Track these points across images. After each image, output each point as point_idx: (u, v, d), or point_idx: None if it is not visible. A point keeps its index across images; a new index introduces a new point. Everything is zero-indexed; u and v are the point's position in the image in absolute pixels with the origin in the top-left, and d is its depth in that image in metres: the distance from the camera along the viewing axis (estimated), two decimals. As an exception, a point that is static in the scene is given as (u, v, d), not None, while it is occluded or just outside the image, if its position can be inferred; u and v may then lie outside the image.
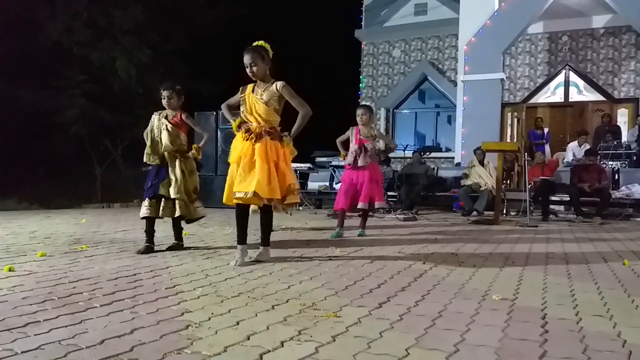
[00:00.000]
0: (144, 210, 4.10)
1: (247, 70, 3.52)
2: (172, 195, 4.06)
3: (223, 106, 3.84)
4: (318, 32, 19.07)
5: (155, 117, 4.23)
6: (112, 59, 12.43)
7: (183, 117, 4.19)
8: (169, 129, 4.13)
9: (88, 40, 12.23)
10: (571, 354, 1.71)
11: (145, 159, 4.22)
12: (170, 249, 4.16)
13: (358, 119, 5.39)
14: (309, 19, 19.69)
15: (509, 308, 2.34)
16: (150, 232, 4.11)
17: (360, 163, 5.30)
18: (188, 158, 4.22)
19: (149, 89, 11.70)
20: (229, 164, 3.66)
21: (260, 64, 3.50)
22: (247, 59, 3.50)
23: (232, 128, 3.66)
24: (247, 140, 3.49)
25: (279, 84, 3.54)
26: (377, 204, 5.46)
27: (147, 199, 4.11)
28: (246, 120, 3.60)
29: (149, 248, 4.02)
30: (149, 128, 4.22)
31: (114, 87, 12.66)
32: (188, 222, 4.37)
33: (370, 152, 5.34)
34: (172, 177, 4.10)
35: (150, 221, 4.13)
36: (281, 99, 3.57)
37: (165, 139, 4.11)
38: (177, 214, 4.10)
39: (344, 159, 5.52)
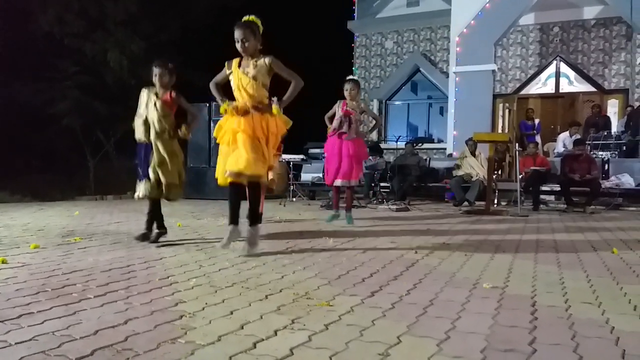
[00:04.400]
0: (142, 190, 3.97)
1: (238, 45, 3.46)
2: (163, 180, 3.92)
3: (211, 85, 3.78)
4: (310, 23, 18.97)
5: (144, 93, 4.07)
6: (105, 50, 12.33)
7: (173, 95, 4.02)
8: (158, 106, 3.95)
9: (80, 31, 12.11)
10: (560, 341, 1.74)
11: (136, 136, 4.06)
12: (155, 241, 4.01)
13: (346, 93, 5.43)
14: (302, 11, 19.58)
15: (499, 296, 2.37)
16: (151, 217, 4.05)
17: (344, 129, 5.32)
18: (176, 138, 4.05)
19: (142, 81, 11.63)
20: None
21: (252, 40, 3.46)
22: (238, 34, 3.44)
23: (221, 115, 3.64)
24: (233, 117, 3.47)
25: (267, 58, 3.51)
26: (351, 181, 5.48)
27: (145, 178, 3.96)
28: (235, 96, 3.57)
29: (146, 235, 3.97)
30: (138, 103, 4.07)
31: (107, 79, 12.57)
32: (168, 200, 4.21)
33: (354, 124, 5.37)
34: (158, 158, 3.93)
35: (156, 204, 4.05)
36: (269, 72, 3.53)
37: (153, 116, 3.94)
38: (166, 197, 3.99)
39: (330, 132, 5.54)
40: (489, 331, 1.84)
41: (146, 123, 4.00)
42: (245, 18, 3.52)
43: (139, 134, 4.04)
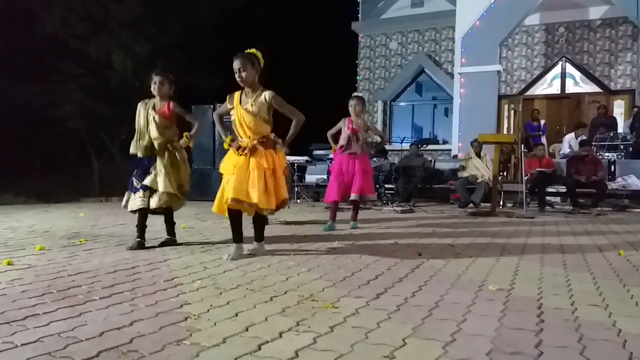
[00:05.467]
0: (138, 202, 3.91)
1: (236, 75, 3.45)
2: (161, 189, 3.89)
3: (215, 116, 3.84)
4: (315, 24, 19.00)
5: (141, 107, 4.03)
6: (109, 52, 12.38)
7: (171, 106, 3.97)
8: (157, 120, 3.92)
9: (84, 33, 12.16)
10: (567, 343, 1.73)
11: (131, 151, 4.04)
12: (162, 244, 4.00)
13: (351, 109, 5.41)
14: (306, 12, 19.60)
15: (505, 298, 2.35)
16: (142, 227, 3.96)
17: (353, 148, 5.31)
18: (179, 148, 4.01)
19: (146, 83, 11.68)
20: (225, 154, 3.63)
21: (249, 70, 3.43)
22: (236, 65, 3.43)
23: (230, 122, 3.64)
24: (241, 155, 3.46)
25: (268, 94, 3.47)
26: (369, 196, 5.47)
27: (140, 190, 3.92)
28: (236, 132, 3.56)
29: (140, 244, 3.87)
30: (136, 118, 4.04)
31: (111, 81, 12.62)
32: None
33: (361, 141, 5.35)
34: (160, 169, 3.91)
35: (143, 215, 3.97)
36: (270, 108, 3.52)
37: (153, 131, 3.91)
38: (162, 205, 3.94)
39: (334, 152, 5.53)
40: (494, 333, 1.83)
41: (145, 136, 3.96)
42: (246, 51, 3.51)
43: (134, 148, 4.02)
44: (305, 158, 10.37)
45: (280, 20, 18.61)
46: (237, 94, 3.58)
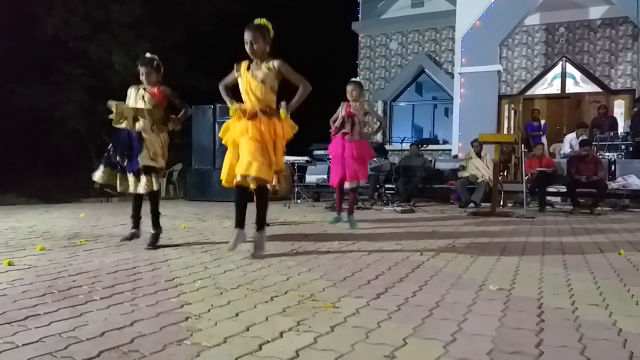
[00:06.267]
0: (131, 186, 3.81)
1: (247, 47, 3.44)
2: (154, 164, 3.82)
3: (220, 86, 3.76)
4: (315, 24, 18.98)
5: (132, 89, 4.02)
6: (110, 53, 12.39)
7: (162, 88, 3.97)
8: (146, 99, 3.90)
9: (85, 34, 12.17)
10: (567, 343, 1.73)
11: (114, 122, 3.94)
12: (151, 245, 3.83)
13: (348, 95, 5.41)
14: (306, 12, 19.60)
15: (506, 298, 2.36)
16: (137, 217, 3.94)
17: (347, 130, 5.31)
18: (164, 131, 3.97)
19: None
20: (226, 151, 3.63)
21: (261, 43, 3.43)
22: (248, 36, 3.42)
23: (229, 116, 3.63)
24: (242, 119, 3.46)
25: (277, 62, 3.48)
26: (360, 182, 5.46)
27: (131, 173, 3.81)
28: (243, 99, 3.56)
29: (135, 234, 3.87)
30: (126, 101, 4.00)
31: (112, 82, 12.63)
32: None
33: (358, 125, 5.35)
34: (149, 146, 3.84)
35: (137, 202, 3.94)
36: (278, 76, 3.51)
37: (141, 108, 3.89)
38: (144, 190, 3.83)
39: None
40: (495, 333, 1.83)
41: (130, 110, 3.88)
42: (257, 21, 3.49)
43: (120, 119, 3.91)
44: (306, 158, 10.38)
45: (280, 21, 18.57)
46: (244, 63, 3.57)
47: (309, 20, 19.34)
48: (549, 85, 13.05)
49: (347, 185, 5.37)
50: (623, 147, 9.77)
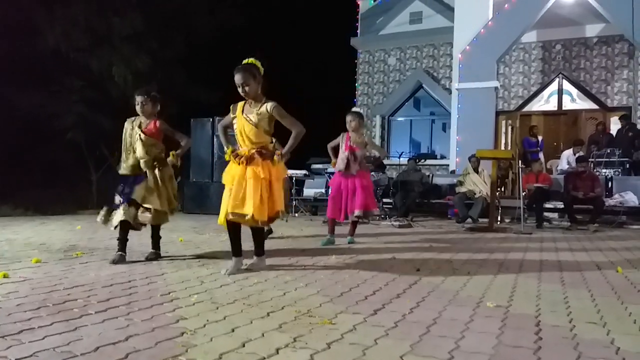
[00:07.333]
0: (119, 216, 3.84)
1: (239, 89, 3.47)
2: (150, 205, 3.88)
3: (219, 128, 3.85)
4: (314, 40, 19.14)
5: (127, 125, 4.05)
6: (110, 65, 12.43)
7: (158, 124, 3.99)
8: (142, 138, 3.93)
9: (86, 46, 12.22)
10: (564, 361, 1.72)
11: (121, 171, 4.03)
12: (148, 259, 3.96)
13: (347, 125, 5.40)
14: (306, 27, 19.76)
15: (503, 315, 2.35)
16: (124, 240, 3.93)
17: (351, 170, 5.30)
18: (166, 165, 4.03)
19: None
20: (224, 168, 3.65)
21: (252, 84, 3.44)
22: (238, 79, 3.44)
23: (234, 135, 3.65)
24: (239, 164, 3.48)
25: (270, 105, 3.48)
26: (373, 211, 5.47)
27: (125, 203, 3.86)
28: (237, 142, 3.59)
29: (122, 257, 3.84)
30: (123, 136, 4.04)
31: (112, 94, 12.66)
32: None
33: (359, 159, 5.34)
34: (150, 186, 3.90)
35: (124, 228, 3.93)
36: (272, 119, 3.53)
37: (139, 150, 3.92)
38: (151, 222, 3.99)
39: (334, 166, 5.52)
40: (493, 351, 1.82)
41: (131, 155, 3.97)
42: (245, 61, 3.51)
43: (122, 169, 4.01)
44: (304, 172, 10.38)
45: (280, 36, 18.74)
46: (240, 104, 3.61)
47: (309, 35, 19.51)
48: (545, 102, 13.13)
49: (357, 213, 5.29)
50: (620, 163, 9.80)
